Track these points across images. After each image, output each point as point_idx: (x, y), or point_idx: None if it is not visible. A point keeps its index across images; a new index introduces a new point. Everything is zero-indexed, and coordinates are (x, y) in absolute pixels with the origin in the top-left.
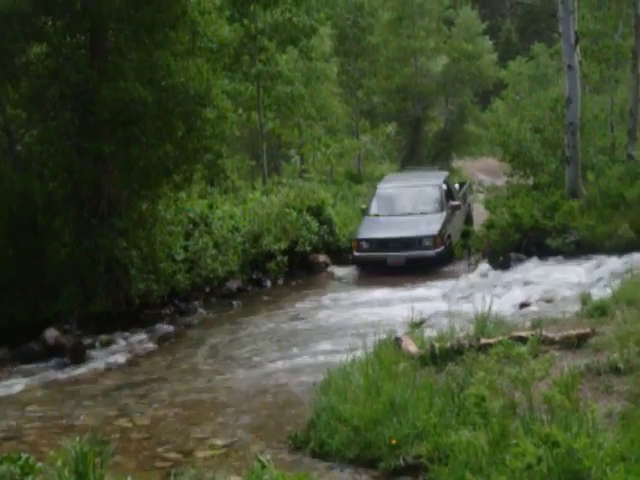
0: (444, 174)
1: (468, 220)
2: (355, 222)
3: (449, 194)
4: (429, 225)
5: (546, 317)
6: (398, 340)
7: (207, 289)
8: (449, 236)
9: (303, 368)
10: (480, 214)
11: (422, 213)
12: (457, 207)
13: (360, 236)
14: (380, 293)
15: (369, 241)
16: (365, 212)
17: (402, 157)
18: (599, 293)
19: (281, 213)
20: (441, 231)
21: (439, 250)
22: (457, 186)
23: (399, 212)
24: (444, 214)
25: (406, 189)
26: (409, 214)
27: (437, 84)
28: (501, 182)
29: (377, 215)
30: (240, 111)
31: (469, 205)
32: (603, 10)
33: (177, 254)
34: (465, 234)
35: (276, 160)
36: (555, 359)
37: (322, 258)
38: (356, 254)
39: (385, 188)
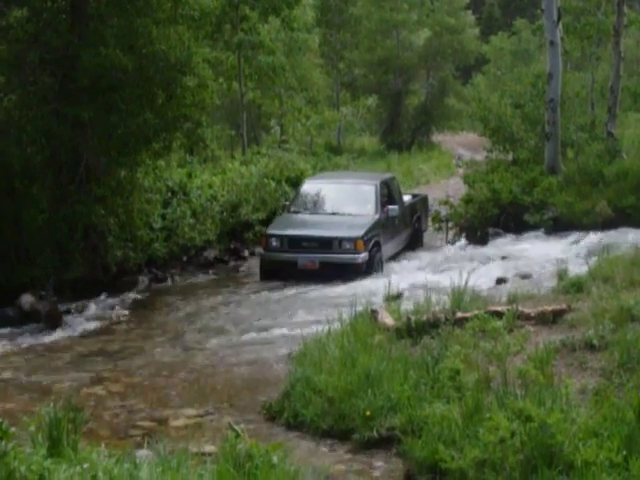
0: (387, 176)
1: (414, 239)
2: None
3: (389, 198)
4: (353, 226)
5: (522, 292)
6: (374, 312)
7: (184, 258)
8: (377, 243)
9: (279, 339)
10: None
11: (349, 214)
12: (397, 214)
13: (269, 231)
14: None
15: (279, 238)
16: (286, 209)
17: (382, 130)
18: (575, 269)
19: (260, 183)
20: (366, 235)
21: (361, 256)
22: (407, 197)
23: (322, 211)
24: (375, 217)
25: (335, 186)
26: (333, 213)
27: (419, 57)
28: (481, 157)
29: (297, 212)
30: (221, 80)
31: (419, 220)
32: None
33: (155, 222)
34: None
35: (256, 130)
36: (530, 334)
37: None
38: (263, 253)
39: (312, 184)
